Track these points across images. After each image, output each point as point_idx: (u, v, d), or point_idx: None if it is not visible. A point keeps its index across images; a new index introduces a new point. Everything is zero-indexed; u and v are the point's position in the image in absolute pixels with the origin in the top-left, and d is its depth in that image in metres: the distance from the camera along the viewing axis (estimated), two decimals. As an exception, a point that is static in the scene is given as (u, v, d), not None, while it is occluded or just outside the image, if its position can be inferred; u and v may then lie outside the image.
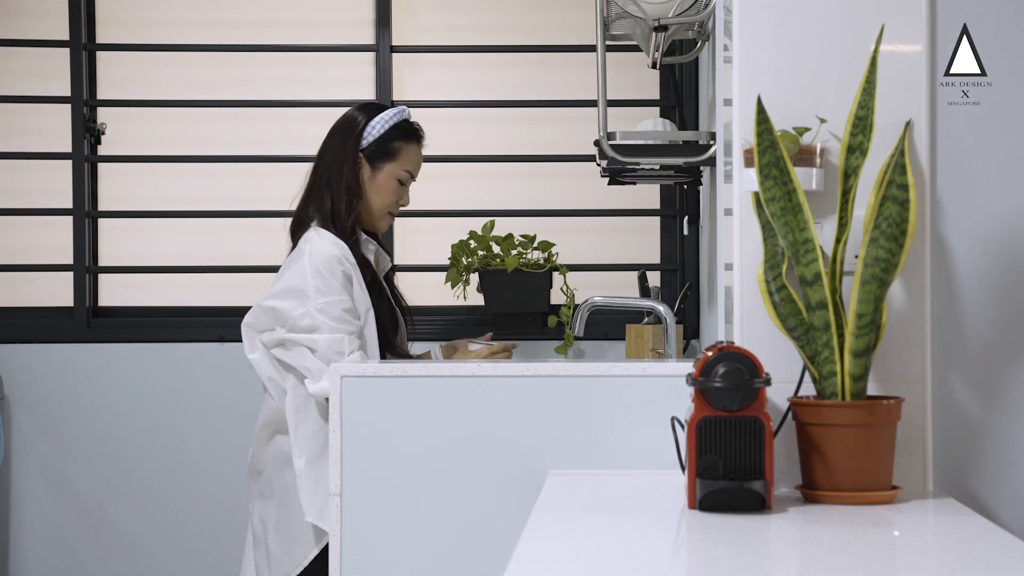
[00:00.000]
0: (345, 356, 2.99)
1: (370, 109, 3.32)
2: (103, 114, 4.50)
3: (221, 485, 4.26)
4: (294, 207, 4.48)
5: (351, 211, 3.19)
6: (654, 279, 4.42)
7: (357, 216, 3.22)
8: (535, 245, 4.27)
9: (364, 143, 3.24)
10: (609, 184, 3.77)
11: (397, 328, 3.33)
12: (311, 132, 4.50)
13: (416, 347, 4.33)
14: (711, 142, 3.14)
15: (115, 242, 4.52)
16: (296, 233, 3.28)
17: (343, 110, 4.49)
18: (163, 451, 4.31)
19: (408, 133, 3.30)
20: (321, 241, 3.12)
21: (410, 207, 4.47)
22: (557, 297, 4.33)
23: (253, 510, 3.16)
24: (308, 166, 4.49)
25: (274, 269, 3.37)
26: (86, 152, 4.42)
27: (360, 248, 3.20)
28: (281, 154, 4.47)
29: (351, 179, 3.21)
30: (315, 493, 2.97)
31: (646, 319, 4.07)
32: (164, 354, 4.32)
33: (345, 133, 3.27)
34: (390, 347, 3.24)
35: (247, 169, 4.45)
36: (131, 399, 4.31)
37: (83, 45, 4.43)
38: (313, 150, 4.49)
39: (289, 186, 4.47)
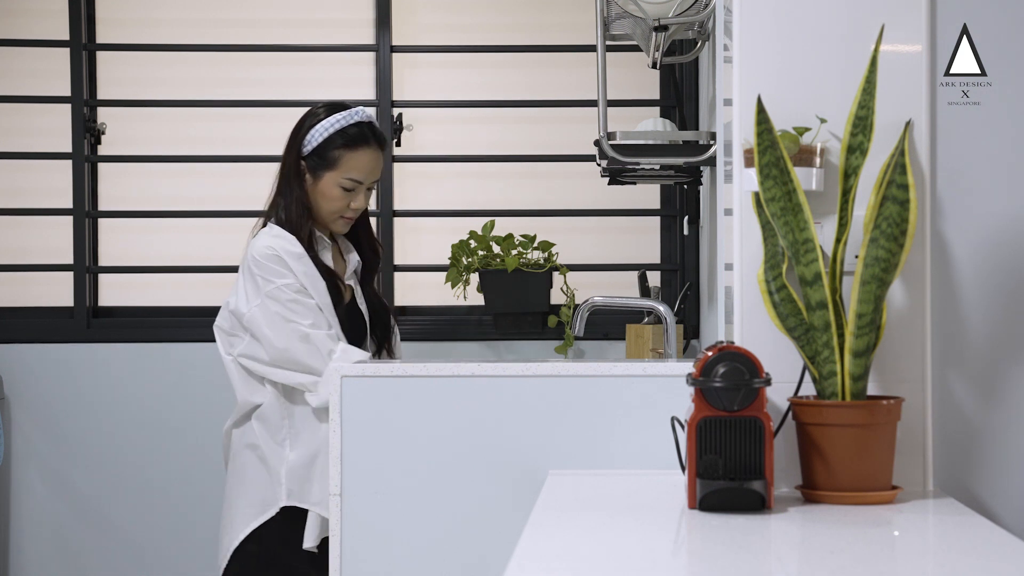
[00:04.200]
0: (334, 351, 2.99)
1: (319, 113, 3.19)
2: (103, 114, 4.50)
3: (220, 484, 4.26)
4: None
5: (302, 220, 3.12)
6: (654, 279, 4.43)
7: (312, 221, 3.15)
8: (535, 245, 4.27)
9: (304, 151, 3.16)
10: (609, 184, 3.78)
11: (363, 332, 3.21)
12: (311, 132, 4.51)
13: (416, 347, 4.34)
14: (711, 142, 3.14)
15: (115, 242, 4.52)
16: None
17: (343, 110, 4.53)
18: (163, 451, 4.31)
19: (349, 140, 3.14)
20: (262, 237, 3.11)
21: (410, 207, 4.51)
22: (557, 297, 4.33)
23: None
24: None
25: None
26: (86, 152, 4.43)
27: (317, 252, 3.13)
28: (281, 154, 4.46)
29: (297, 188, 3.14)
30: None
31: (646, 319, 4.07)
32: (164, 354, 4.32)
33: (291, 139, 3.20)
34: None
35: (247, 169, 4.45)
36: (131, 399, 4.31)
37: (83, 45, 4.43)
38: (313, 150, 4.52)
39: (289, 186, 4.48)
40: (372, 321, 3.21)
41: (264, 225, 3.17)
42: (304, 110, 4.50)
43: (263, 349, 3.02)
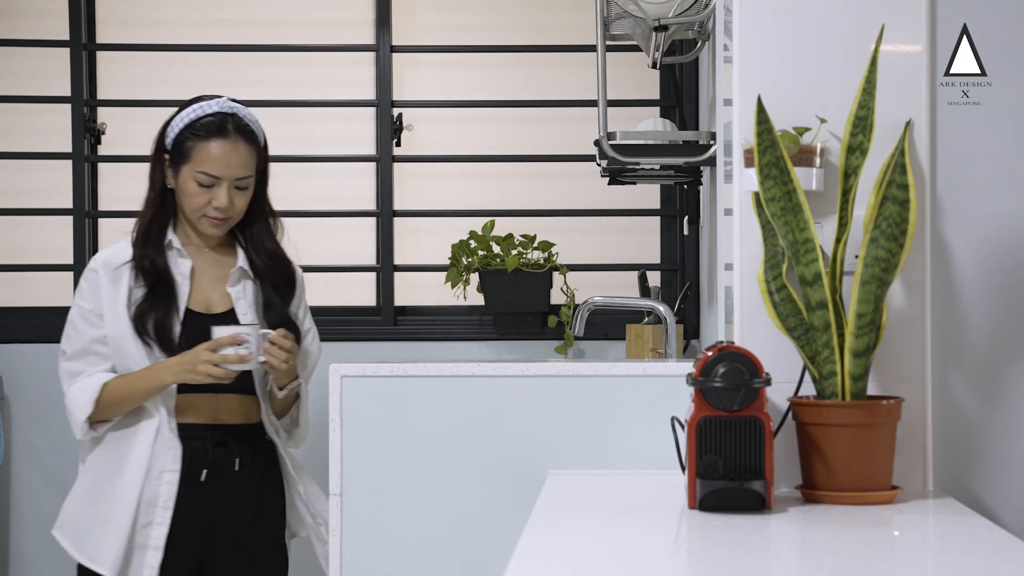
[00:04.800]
0: (68, 387, 2.98)
1: (185, 104, 3.02)
2: (103, 114, 4.50)
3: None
4: (291, 207, 4.48)
5: (153, 224, 2.98)
6: (654, 279, 4.42)
7: (160, 220, 3.00)
8: (535, 245, 4.27)
9: (167, 142, 2.98)
10: (609, 184, 3.78)
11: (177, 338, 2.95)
12: (311, 132, 4.52)
13: (416, 347, 4.34)
14: (711, 142, 3.14)
15: (114, 242, 4.51)
16: None
17: (343, 110, 4.54)
18: (163, 451, 4.31)
19: (202, 130, 2.94)
20: (103, 250, 3.07)
21: (410, 207, 4.51)
22: (557, 297, 4.33)
23: None
24: (309, 166, 4.52)
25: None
26: (86, 152, 4.43)
27: (164, 253, 2.98)
28: (281, 154, 4.47)
29: (156, 180, 3.00)
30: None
31: (646, 319, 4.07)
32: (164, 354, 4.32)
33: (157, 135, 3.03)
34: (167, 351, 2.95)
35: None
36: (131, 399, 4.31)
37: (83, 45, 4.43)
38: (313, 150, 4.52)
39: (288, 186, 4.48)
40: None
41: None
42: (304, 110, 4.54)
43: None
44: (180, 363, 2.87)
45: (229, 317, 2.97)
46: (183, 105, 3.00)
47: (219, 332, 2.87)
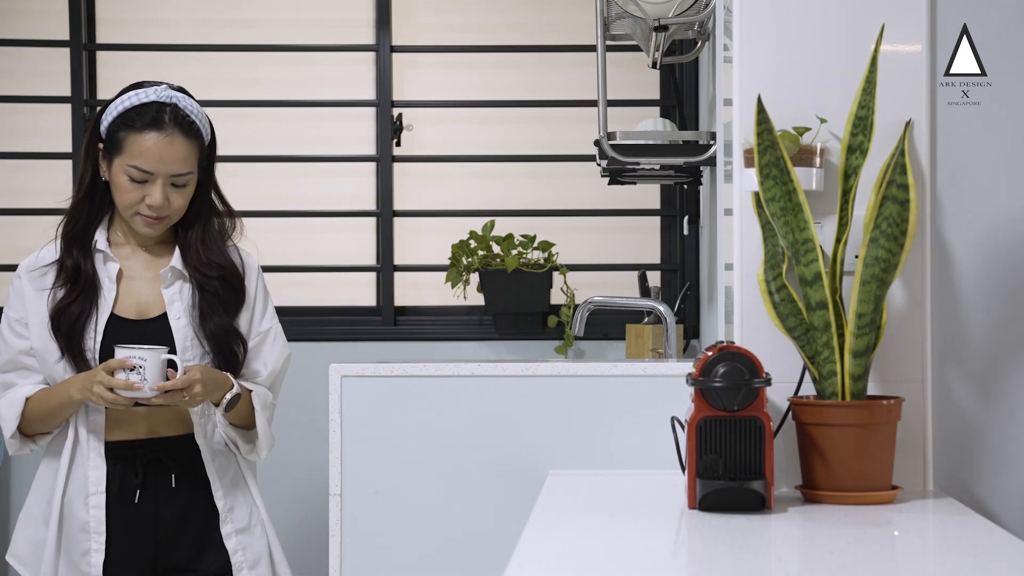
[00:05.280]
0: None
1: (124, 90, 2.74)
2: (103, 114, 4.50)
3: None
4: (291, 207, 4.48)
5: (73, 210, 2.71)
6: (654, 279, 4.43)
7: (87, 218, 2.71)
8: (535, 245, 4.27)
9: (101, 130, 2.69)
10: (609, 184, 3.78)
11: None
12: (311, 132, 4.52)
13: (416, 347, 4.34)
14: (711, 142, 3.14)
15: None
16: None
17: (343, 110, 4.54)
18: (163, 451, 4.30)
19: (135, 121, 2.65)
20: (35, 252, 2.76)
21: (410, 207, 4.51)
22: (557, 297, 4.33)
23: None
24: (309, 166, 4.52)
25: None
26: (86, 152, 4.42)
27: (91, 255, 2.69)
28: (281, 154, 4.47)
29: (86, 172, 2.70)
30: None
31: (646, 319, 4.07)
32: (164, 354, 4.32)
33: (94, 119, 2.74)
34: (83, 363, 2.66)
35: (246, 169, 4.45)
36: (131, 399, 4.31)
37: (83, 45, 4.43)
38: (313, 150, 4.52)
39: (288, 186, 4.49)
40: (210, 347, 2.69)
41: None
42: (304, 110, 4.54)
43: None
44: (84, 379, 2.59)
45: (162, 321, 2.68)
46: (121, 91, 2.72)
47: (120, 353, 2.57)
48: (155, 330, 2.66)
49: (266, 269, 2.93)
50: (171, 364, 2.60)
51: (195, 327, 2.69)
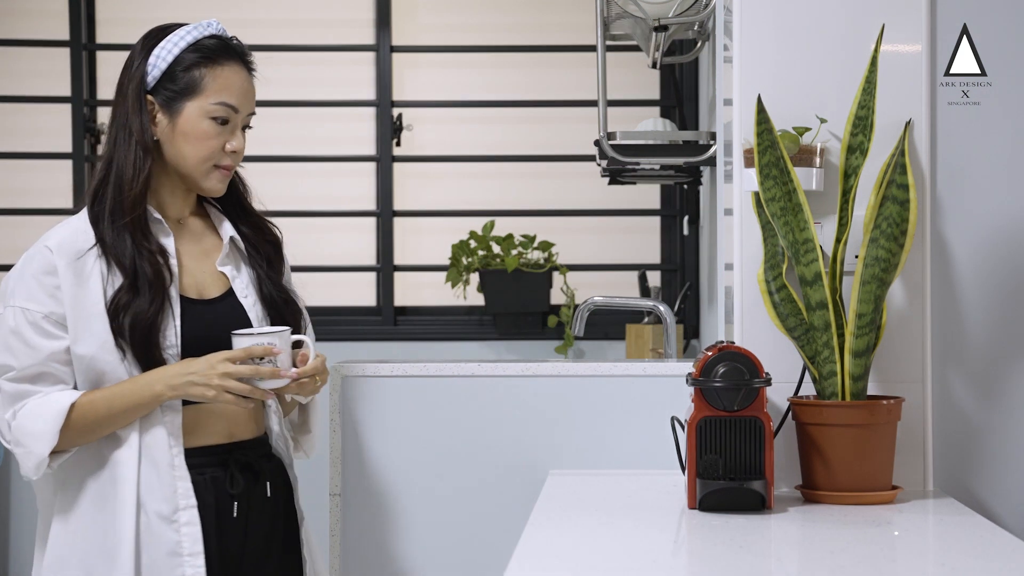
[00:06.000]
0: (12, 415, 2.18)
1: (155, 34, 2.31)
2: (103, 114, 4.50)
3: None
4: (291, 207, 4.48)
5: (136, 179, 2.22)
6: (654, 279, 4.43)
7: (146, 185, 2.23)
8: (535, 245, 4.28)
9: (154, 77, 2.26)
10: (609, 184, 3.77)
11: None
12: (311, 132, 4.52)
13: (416, 347, 4.34)
14: (711, 142, 3.13)
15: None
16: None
17: (343, 110, 4.54)
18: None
19: (211, 52, 2.29)
20: (56, 230, 2.24)
21: (410, 207, 4.51)
22: (557, 297, 4.33)
23: None
24: (309, 166, 4.51)
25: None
26: (86, 152, 4.43)
27: (151, 229, 2.24)
28: (281, 154, 4.47)
29: (140, 135, 2.23)
30: None
31: (646, 319, 4.07)
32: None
33: (125, 76, 2.28)
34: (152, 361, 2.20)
35: (246, 169, 4.44)
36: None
37: (83, 45, 4.44)
38: (313, 150, 4.52)
39: (288, 186, 4.48)
40: (272, 318, 2.31)
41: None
42: (304, 110, 4.54)
43: None
44: (185, 372, 2.16)
45: (230, 301, 2.29)
46: (156, 33, 2.30)
47: (243, 341, 2.18)
48: (225, 311, 2.28)
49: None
50: (295, 345, 2.24)
51: (262, 302, 2.32)
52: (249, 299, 2.30)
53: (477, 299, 4.34)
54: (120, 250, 2.20)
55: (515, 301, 4.27)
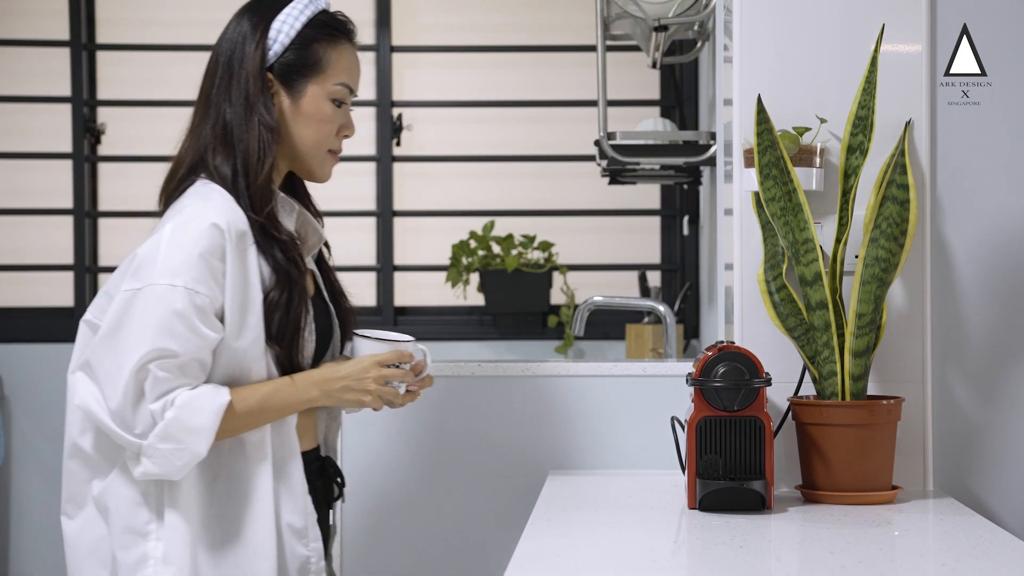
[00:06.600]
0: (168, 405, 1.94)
1: (259, 7, 2.18)
2: (103, 114, 4.51)
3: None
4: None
5: (264, 162, 2.04)
6: (654, 279, 4.43)
7: (273, 168, 2.06)
8: (535, 245, 4.28)
9: (275, 52, 2.10)
10: (609, 184, 3.78)
11: (331, 334, 2.15)
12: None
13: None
14: (711, 142, 3.14)
15: (115, 242, 4.51)
16: (172, 197, 2.09)
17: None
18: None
19: (330, 30, 2.11)
20: (198, 203, 2.01)
21: (410, 207, 4.51)
22: (557, 297, 4.34)
23: None
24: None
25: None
26: (86, 152, 4.43)
27: (278, 215, 2.07)
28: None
29: (264, 115, 2.06)
30: None
31: (646, 319, 4.07)
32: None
33: (237, 51, 2.15)
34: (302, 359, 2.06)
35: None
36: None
37: (83, 45, 4.44)
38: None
39: (289, 186, 4.48)
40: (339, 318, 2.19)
41: (185, 171, 2.10)
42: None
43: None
44: (337, 377, 2.02)
45: (319, 301, 2.13)
46: (264, 5, 2.16)
47: (371, 347, 2.06)
48: (323, 309, 2.13)
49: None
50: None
51: (331, 302, 2.18)
52: (327, 297, 2.17)
53: (477, 299, 4.34)
54: (265, 239, 2.03)
55: (515, 301, 4.27)
